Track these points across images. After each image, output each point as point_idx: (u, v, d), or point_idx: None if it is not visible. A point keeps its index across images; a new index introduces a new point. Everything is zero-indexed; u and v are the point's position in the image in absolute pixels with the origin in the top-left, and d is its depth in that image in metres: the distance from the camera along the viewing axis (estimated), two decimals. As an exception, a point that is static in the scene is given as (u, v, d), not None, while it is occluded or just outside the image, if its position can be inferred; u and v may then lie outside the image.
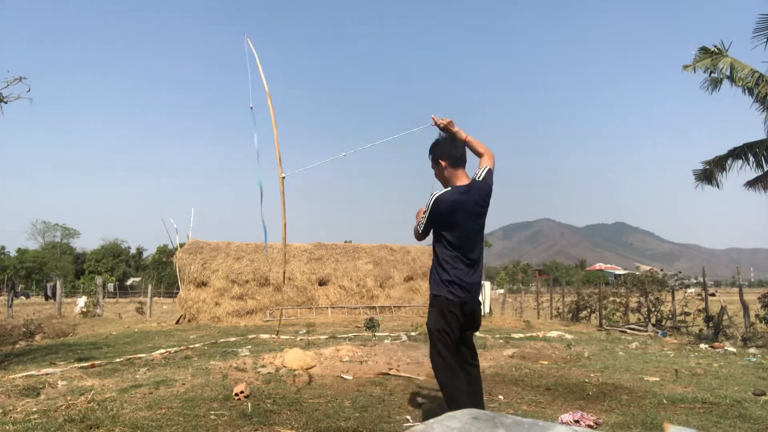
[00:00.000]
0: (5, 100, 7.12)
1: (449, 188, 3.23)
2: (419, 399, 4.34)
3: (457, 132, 3.42)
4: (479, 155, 3.43)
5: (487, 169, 3.32)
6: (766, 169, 11.56)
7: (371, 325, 10.38)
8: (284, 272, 5.05)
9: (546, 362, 6.52)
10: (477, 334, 11.14)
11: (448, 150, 3.34)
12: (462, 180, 3.27)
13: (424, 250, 19.53)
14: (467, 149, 3.43)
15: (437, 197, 3.18)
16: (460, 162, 3.32)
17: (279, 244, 17.96)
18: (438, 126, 3.41)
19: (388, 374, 5.49)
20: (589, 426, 3.52)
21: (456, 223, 3.17)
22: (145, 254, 73.10)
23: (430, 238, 3.38)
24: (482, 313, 18.15)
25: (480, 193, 3.22)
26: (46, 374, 5.60)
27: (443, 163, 3.31)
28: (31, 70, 8.59)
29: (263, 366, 5.90)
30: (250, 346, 8.23)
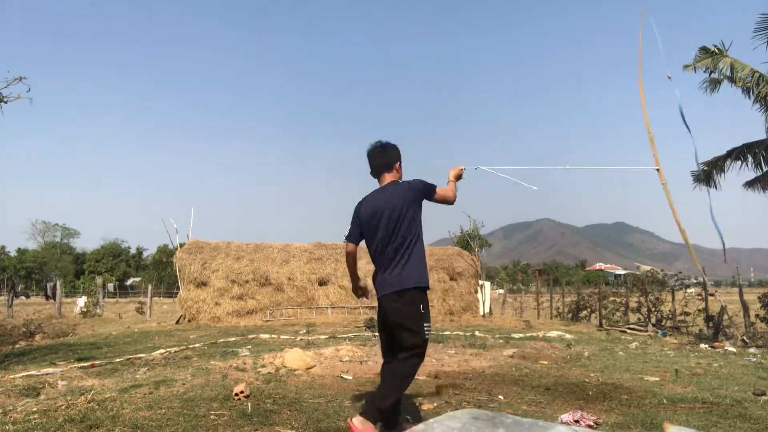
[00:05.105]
0: (5, 100, 7.11)
1: None
2: (419, 399, 4.34)
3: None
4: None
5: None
6: (765, 169, 11.57)
7: (371, 325, 10.38)
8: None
9: (546, 362, 6.52)
10: (477, 333, 11.10)
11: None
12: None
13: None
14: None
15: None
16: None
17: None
18: None
19: (388, 374, 5.49)
20: (589, 426, 3.52)
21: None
22: (145, 254, 73.22)
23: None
24: (482, 312, 18.11)
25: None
26: (46, 374, 5.60)
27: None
28: (31, 70, 8.59)
29: (263, 366, 5.90)
30: (250, 346, 8.23)
